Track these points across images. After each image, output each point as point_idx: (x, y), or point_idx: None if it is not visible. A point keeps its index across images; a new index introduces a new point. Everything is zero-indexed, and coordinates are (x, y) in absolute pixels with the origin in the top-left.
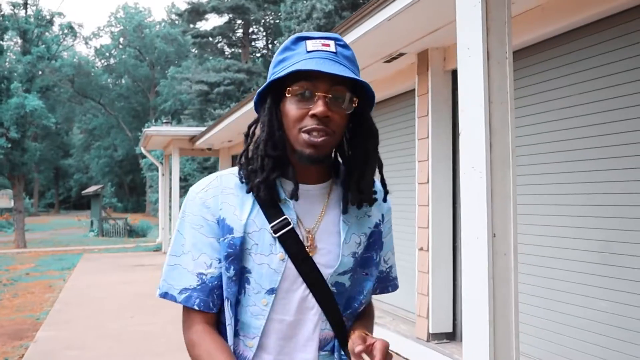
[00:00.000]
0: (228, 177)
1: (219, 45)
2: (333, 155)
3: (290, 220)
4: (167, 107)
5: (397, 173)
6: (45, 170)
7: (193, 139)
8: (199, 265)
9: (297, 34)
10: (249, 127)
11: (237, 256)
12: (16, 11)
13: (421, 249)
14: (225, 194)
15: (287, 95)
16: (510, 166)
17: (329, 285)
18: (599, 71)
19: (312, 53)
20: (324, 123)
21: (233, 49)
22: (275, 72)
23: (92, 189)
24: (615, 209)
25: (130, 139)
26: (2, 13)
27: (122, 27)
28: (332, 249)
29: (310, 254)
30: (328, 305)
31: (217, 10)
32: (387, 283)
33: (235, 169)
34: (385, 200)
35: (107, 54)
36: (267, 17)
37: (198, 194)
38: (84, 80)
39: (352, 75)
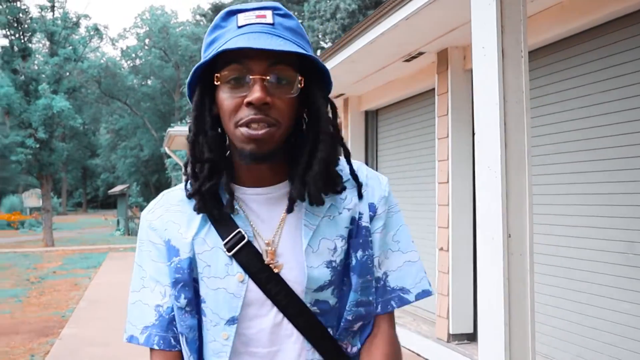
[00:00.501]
0: (174, 192)
1: None
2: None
3: (244, 233)
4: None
5: (417, 172)
6: (73, 170)
7: None
8: (156, 296)
9: (229, 8)
10: (190, 127)
11: (186, 282)
12: (44, 14)
13: (441, 249)
14: (170, 212)
15: (217, 83)
16: (526, 166)
17: (307, 305)
18: (621, 69)
19: (244, 28)
20: (264, 112)
21: None
22: (204, 57)
23: (118, 188)
24: (638, 209)
25: (155, 139)
26: (30, 16)
27: (147, 29)
28: (300, 261)
29: (276, 270)
30: (312, 330)
31: None
32: (386, 296)
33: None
34: (360, 196)
35: (133, 55)
36: None
37: (145, 217)
38: (110, 81)
39: (293, 48)
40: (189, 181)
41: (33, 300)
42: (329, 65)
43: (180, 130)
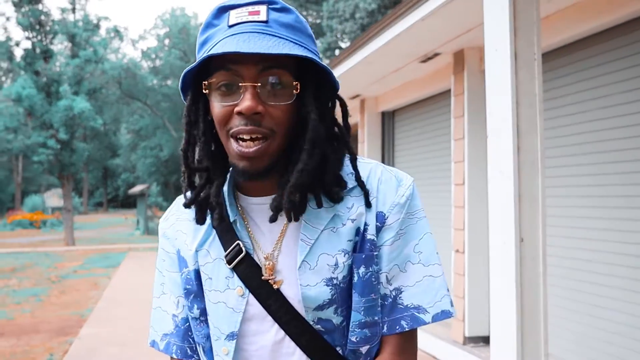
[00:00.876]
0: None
1: None
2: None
3: (242, 245)
4: None
5: (433, 174)
6: (94, 170)
7: None
8: (172, 305)
9: (222, 3)
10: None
11: (197, 293)
12: (65, 16)
13: (457, 251)
14: (180, 221)
15: (205, 91)
16: (539, 169)
17: (310, 323)
18: (638, 70)
19: (234, 27)
20: (256, 122)
21: None
22: (197, 59)
23: (137, 188)
24: None
25: (175, 139)
26: (52, 18)
27: (167, 29)
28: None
29: (275, 286)
30: (316, 350)
31: None
32: (395, 315)
33: None
34: (369, 205)
35: (153, 56)
36: (309, 17)
37: (161, 225)
38: (131, 82)
39: (285, 49)
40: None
41: (53, 300)
42: (346, 66)
43: None
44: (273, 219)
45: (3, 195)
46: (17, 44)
